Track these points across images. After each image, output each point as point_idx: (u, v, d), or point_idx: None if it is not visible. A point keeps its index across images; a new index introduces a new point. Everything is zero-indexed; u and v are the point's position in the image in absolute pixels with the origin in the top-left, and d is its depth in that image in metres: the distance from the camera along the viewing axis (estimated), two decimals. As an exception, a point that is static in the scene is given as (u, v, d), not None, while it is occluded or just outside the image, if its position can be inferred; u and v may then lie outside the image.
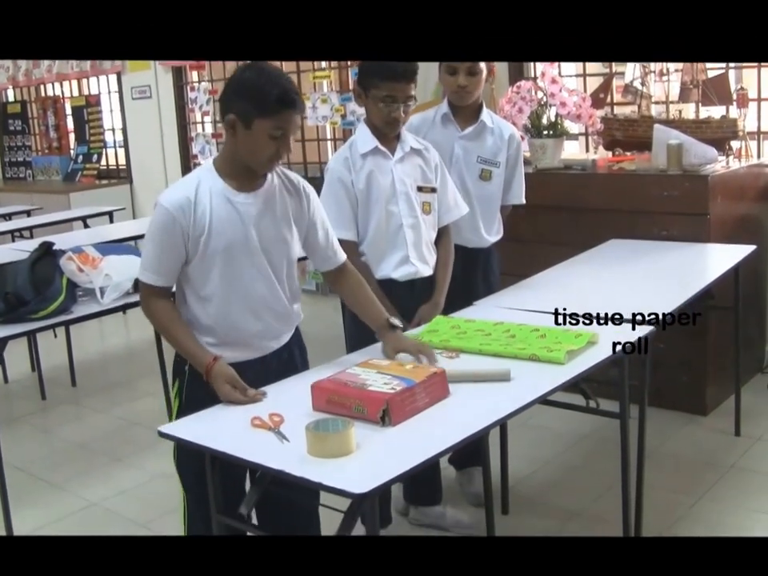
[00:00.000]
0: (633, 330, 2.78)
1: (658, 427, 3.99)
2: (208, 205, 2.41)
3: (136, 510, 3.76)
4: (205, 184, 2.44)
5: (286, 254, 2.56)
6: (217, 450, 2.07)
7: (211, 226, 2.41)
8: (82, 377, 5.67)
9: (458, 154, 3.43)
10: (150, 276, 2.46)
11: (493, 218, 3.53)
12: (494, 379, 2.41)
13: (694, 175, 4.23)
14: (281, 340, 2.62)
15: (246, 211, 2.45)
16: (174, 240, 2.40)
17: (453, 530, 3.39)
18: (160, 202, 2.43)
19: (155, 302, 2.48)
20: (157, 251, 2.44)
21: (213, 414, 2.29)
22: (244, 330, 2.51)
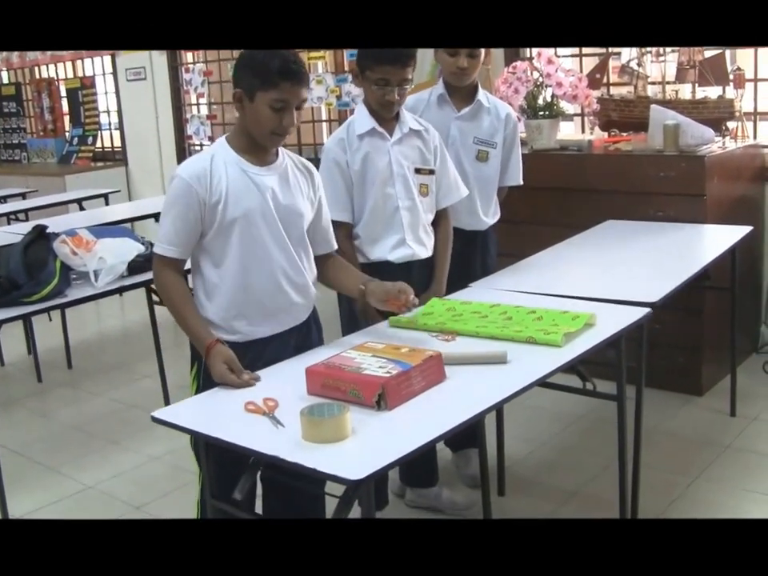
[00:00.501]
0: (629, 311, 2.77)
1: (653, 408, 3.98)
2: (224, 174, 2.44)
3: (132, 492, 3.75)
4: (219, 156, 2.47)
5: (301, 226, 2.59)
6: (209, 436, 2.05)
7: (228, 193, 2.43)
8: (79, 359, 5.67)
9: (454, 135, 3.41)
10: (164, 247, 2.46)
11: (490, 199, 3.51)
12: (491, 362, 2.40)
13: (690, 156, 4.22)
14: (300, 316, 2.63)
15: (262, 182, 2.49)
16: (190, 210, 2.42)
17: (449, 512, 3.39)
18: (177, 173, 2.45)
19: (168, 274, 2.49)
20: (173, 222, 2.45)
21: (207, 398, 2.28)
22: (265, 301, 2.52)
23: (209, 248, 2.50)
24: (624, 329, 2.64)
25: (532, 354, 2.46)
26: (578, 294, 2.97)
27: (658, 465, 3.58)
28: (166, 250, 2.47)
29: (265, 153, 2.53)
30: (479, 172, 3.44)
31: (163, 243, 2.47)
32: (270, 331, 2.56)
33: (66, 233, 3.83)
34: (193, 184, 2.41)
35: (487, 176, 3.47)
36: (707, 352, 4.33)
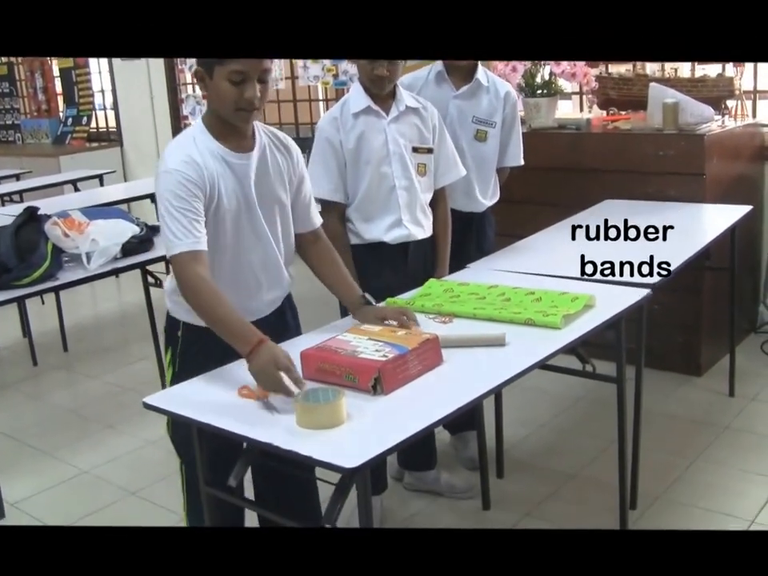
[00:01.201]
0: (629, 292, 2.73)
1: (652, 388, 3.95)
2: (212, 167, 2.31)
3: (127, 477, 3.72)
4: (202, 145, 2.33)
5: (282, 214, 2.50)
6: (202, 422, 2.01)
7: (219, 191, 2.31)
8: (74, 342, 5.63)
9: (452, 113, 3.35)
10: (189, 242, 2.23)
11: (488, 180, 3.46)
12: (489, 344, 2.36)
13: (689, 134, 4.18)
14: (273, 304, 2.57)
15: (244, 173, 2.37)
16: (195, 199, 2.26)
17: (447, 495, 3.37)
18: (167, 168, 2.27)
19: (195, 270, 2.23)
20: (186, 215, 2.24)
21: (199, 382, 2.23)
22: (241, 293, 2.41)
23: None
24: (624, 310, 2.60)
25: (531, 336, 2.42)
26: (576, 275, 2.94)
27: (657, 446, 3.56)
28: (189, 244, 2.23)
29: (241, 136, 2.38)
30: (477, 152, 3.39)
31: (181, 239, 2.23)
32: (250, 317, 2.40)
33: (58, 215, 3.78)
34: (191, 174, 2.25)
35: (485, 156, 3.42)
36: (706, 332, 4.31)
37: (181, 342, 2.48)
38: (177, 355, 2.49)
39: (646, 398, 3.20)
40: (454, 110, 3.35)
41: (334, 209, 2.99)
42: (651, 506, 3.18)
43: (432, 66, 3.40)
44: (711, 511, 3.13)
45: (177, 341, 2.48)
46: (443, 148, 3.10)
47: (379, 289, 2.86)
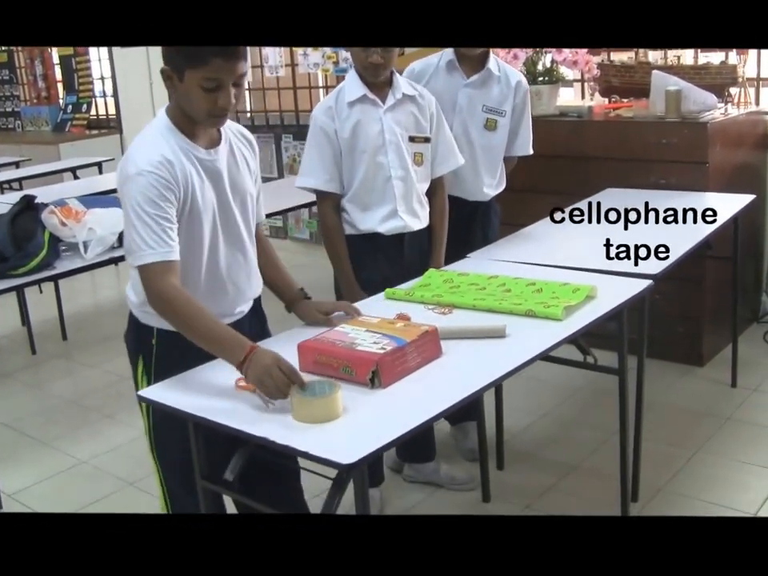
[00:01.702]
0: (631, 283, 2.70)
1: (653, 378, 3.93)
2: (186, 167, 2.17)
3: (125, 467, 3.70)
4: (172, 143, 2.18)
5: (252, 209, 2.41)
6: (197, 416, 1.98)
7: (193, 191, 2.18)
8: (73, 330, 5.61)
9: (462, 102, 3.31)
10: (162, 252, 2.10)
11: (495, 169, 3.43)
12: (489, 336, 2.33)
13: (692, 122, 4.14)
14: (246, 306, 2.45)
15: (216, 169, 2.25)
16: (168, 203, 2.11)
17: (447, 486, 3.34)
18: (139, 170, 2.10)
19: (168, 283, 2.11)
20: (157, 221, 2.10)
21: (195, 375, 2.19)
22: (221, 296, 2.33)
23: None
24: (626, 301, 2.57)
25: (531, 327, 2.39)
26: (578, 265, 2.90)
27: (658, 437, 3.53)
28: (165, 254, 2.11)
29: (209, 132, 2.26)
30: (486, 141, 3.35)
31: (153, 248, 2.10)
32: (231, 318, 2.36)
33: (56, 203, 3.75)
34: (164, 176, 2.11)
35: (495, 145, 3.38)
36: (708, 322, 4.28)
37: (156, 350, 2.32)
38: (152, 365, 2.33)
39: (647, 389, 3.17)
40: (464, 99, 3.31)
41: (328, 199, 2.95)
42: (653, 499, 3.16)
43: (443, 52, 3.35)
44: (713, 504, 3.11)
45: (150, 349, 2.32)
46: (441, 136, 3.06)
47: (374, 280, 2.84)
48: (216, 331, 2.12)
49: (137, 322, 2.35)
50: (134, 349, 2.38)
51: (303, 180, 2.99)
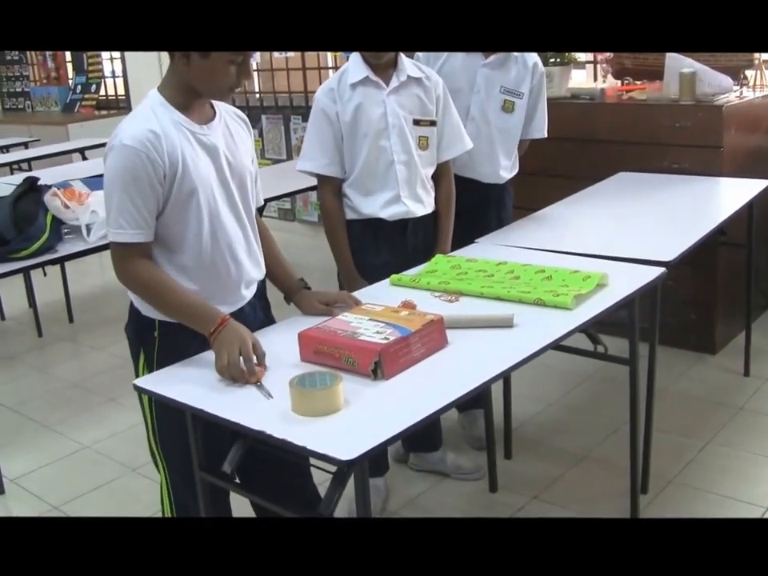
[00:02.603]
0: (643, 270, 2.63)
1: (665, 366, 3.87)
2: (176, 138, 2.12)
3: (127, 453, 3.66)
4: (163, 117, 2.13)
5: (251, 186, 2.36)
6: (193, 407, 1.92)
7: (184, 161, 2.12)
8: (80, 313, 5.58)
9: (479, 83, 3.24)
10: (131, 233, 2.09)
11: (511, 152, 3.38)
12: (497, 325, 2.26)
13: (707, 105, 4.06)
14: (252, 287, 2.39)
15: (213, 144, 2.20)
16: (149, 183, 2.07)
17: (454, 476, 3.29)
18: (122, 142, 2.06)
19: (137, 263, 2.13)
20: (134, 201, 2.07)
21: (193, 364, 2.14)
22: (224, 275, 2.26)
23: (160, 229, 2.16)
24: (637, 290, 2.50)
25: (540, 316, 2.32)
26: (589, 252, 2.83)
27: (669, 427, 3.47)
28: (134, 236, 2.09)
29: (203, 106, 2.22)
30: (503, 123, 3.29)
31: (127, 229, 2.09)
32: (229, 309, 2.28)
33: (59, 185, 3.70)
34: (149, 153, 2.05)
35: (511, 127, 3.32)
36: (721, 309, 4.21)
37: (158, 343, 2.26)
38: (154, 358, 2.27)
39: (658, 377, 3.11)
40: (481, 80, 3.24)
41: (329, 183, 2.88)
42: (663, 491, 3.10)
43: None
44: (725, 497, 3.04)
45: (153, 342, 2.26)
46: (448, 120, 2.98)
47: (376, 266, 2.78)
48: (189, 301, 2.15)
49: (138, 314, 2.30)
50: (135, 341, 2.32)
51: (302, 164, 2.92)
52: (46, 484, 3.50)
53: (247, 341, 2.04)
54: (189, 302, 2.15)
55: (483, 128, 3.20)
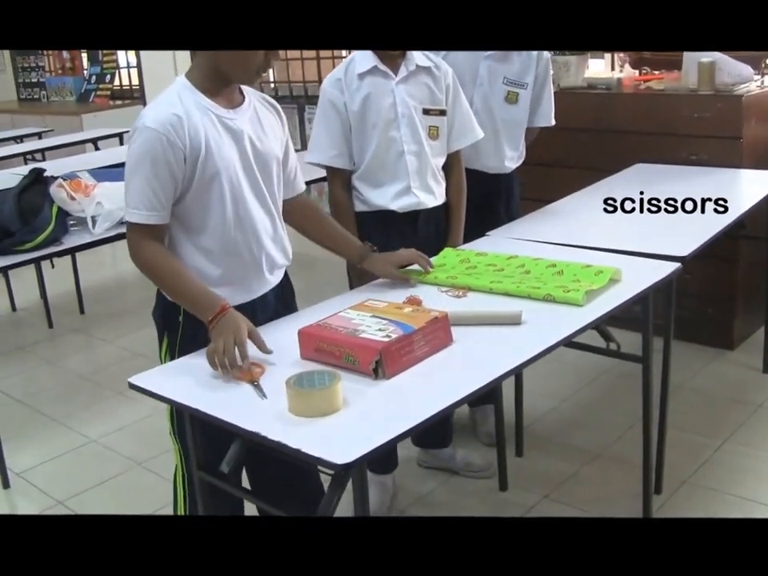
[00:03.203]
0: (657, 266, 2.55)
1: (681, 362, 3.79)
2: (199, 122, 2.11)
3: (134, 447, 3.63)
4: (188, 100, 2.12)
5: (277, 172, 2.33)
6: (187, 406, 1.87)
7: (207, 144, 2.12)
8: (92, 304, 5.56)
9: (482, 75, 3.17)
10: (145, 215, 2.09)
11: (518, 142, 3.30)
12: (504, 322, 2.19)
13: (726, 95, 3.97)
14: (278, 274, 2.38)
15: (238, 128, 2.19)
16: (170, 165, 2.07)
17: (464, 473, 3.23)
18: (144, 124, 2.07)
19: (148, 245, 2.13)
20: (148, 182, 2.07)
21: (190, 362, 2.08)
22: (248, 260, 2.25)
23: (184, 211, 2.17)
24: (651, 286, 2.41)
25: (550, 313, 2.24)
26: (602, 246, 2.75)
27: (685, 425, 3.39)
28: (148, 217, 2.09)
29: (232, 92, 2.21)
30: (507, 114, 3.22)
31: (142, 210, 2.09)
32: (250, 296, 2.28)
33: (65, 176, 3.65)
34: (169, 136, 2.05)
35: (516, 118, 3.25)
36: (740, 304, 4.13)
37: (182, 328, 2.25)
38: (177, 343, 2.26)
39: (675, 372, 3.04)
40: (484, 71, 3.16)
41: (337, 176, 2.82)
42: (677, 491, 3.02)
43: None
44: (742, 498, 2.96)
45: (177, 327, 2.26)
46: (458, 109, 2.90)
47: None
48: (191, 288, 2.14)
49: (164, 299, 2.29)
50: (161, 326, 2.33)
51: (311, 155, 2.87)
52: (52, 478, 3.47)
53: (243, 328, 2.03)
54: (192, 288, 2.14)
55: (487, 120, 3.13)
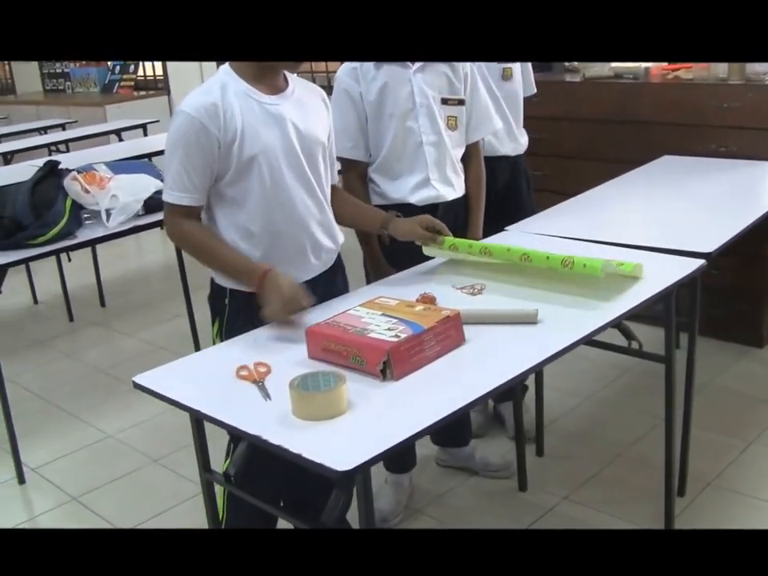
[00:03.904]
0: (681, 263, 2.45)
1: (708, 360, 3.70)
2: (237, 107, 2.15)
3: (150, 443, 3.59)
4: (229, 87, 2.18)
5: (323, 156, 2.34)
6: (189, 407, 1.81)
7: (243, 129, 2.15)
8: (113, 297, 5.54)
9: None
10: (178, 195, 2.17)
11: (521, 117, 3.29)
12: (519, 321, 2.11)
13: (757, 85, 3.88)
14: (328, 261, 2.39)
15: (279, 113, 2.22)
16: (203, 150, 2.13)
17: (482, 473, 3.15)
18: (182, 109, 2.14)
19: (183, 223, 2.21)
20: (184, 165, 2.14)
21: (197, 360, 2.04)
22: (288, 243, 2.26)
23: (224, 193, 2.21)
24: (673, 284, 2.32)
25: (567, 311, 2.16)
26: (624, 242, 2.66)
27: (711, 425, 3.30)
28: (180, 198, 2.17)
29: (274, 79, 2.25)
30: (506, 92, 3.18)
31: (175, 191, 2.17)
32: (306, 275, 2.30)
33: (80, 169, 3.61)
34: (203, 120, 2.11)
35: (515, 93, 3.23)
36: (769, 300, 4.02)
37: (228, 310, 2.30)
38: (224, 326, 2.31)
39: (701, 371, 2.95)
40: None
41: (353, 168, 2.74)
42: (701, 493, 2.93)
43: None
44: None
45: (224, 309, 2.31)
46: (476, 98, 2.82)
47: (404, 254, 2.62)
48: (233, 259, 2.22)
49: (212, 282, 2.36)
50: (213, 310, 2.38)
51: None
52: (67, 474, 3.44)
53: (289, 281, 2.14)
54: (234, 259, 2.22)
55: (492, 101, 3.03)
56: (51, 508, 3.21)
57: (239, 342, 2.12)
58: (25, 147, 6.16)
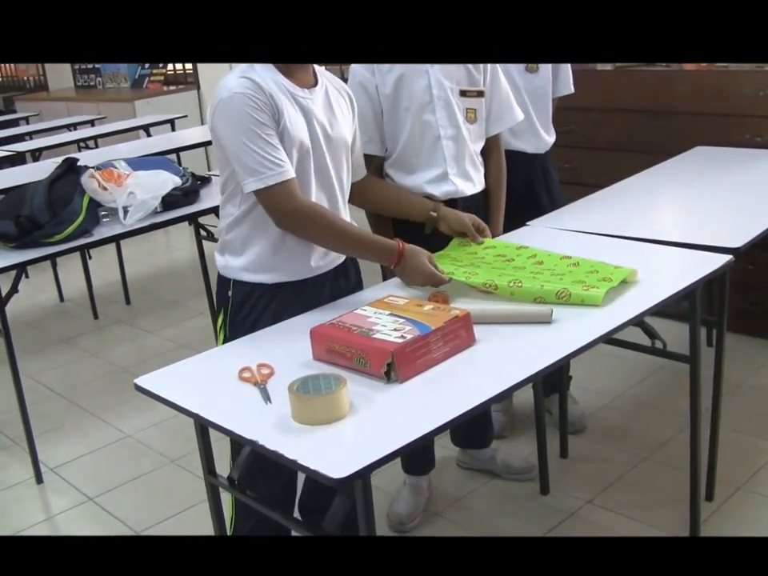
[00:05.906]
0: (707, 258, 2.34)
1: (742, 358, 3.59)
2: (277, 94, 2.09)
3: (169, 443, 3.54)
4: (265, 75, 2.11)
5: (347, 156, 2.29)
6: (188, 410, 1.76)
7: (281, 113, 2.09)
8: (138, 294, 5.52)
9: None
10: (276, 172, 2.04)
11: (547, 114, 3.13)
12: (533, 320, 2.03)
13: (794, 72, 3.74)
14: (338, 259, 2.33)
15: (309, 108, 2.17)
16: (266, 122, 2.05)
17: (504, 476, 3.07)
18: (233, 92, 2.05)
19: (297, 200, 2.09)
20: (260, 143, 2.04)
21: (200, 362, 1.98)
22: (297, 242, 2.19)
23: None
24: (697, 281, 2.22)
25: (583, 310, 2.06)
26: (650, 237, 2.56)
27: (741, 426, 3.18)
28: (281, 173, 2.05)
29: (304, 72, 2.20)
30: (530, 84, 3.04)
31: (270, 169, 2.04)
32: (310, 273, 2.24)
33: (99, 166, 3.57)
34: (255, 94, 2.04)
35: (539, 87, 3.07)
36: (807, 295, 3.88)
37: (232, 301, 2.25)
38: (227, 320, 2.26)
39: (733, 369, 2.85)
40: None
41: (369, 162, 2.65)
42: (730, 498, 2.82)
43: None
44: (801, 507, 2.77)
45: (228, 302, 2.26)
46: (496, 90, 2.72)
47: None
48: (363, 237, 2.21)
49: (218, 274, 2.31)
50: (218, 302, 2.34)
51: None
52: (85, 474, 3.41)
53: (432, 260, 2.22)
54: (368, 234, 2.26)
55: (513, 92, 2.92)
56: (68, 508, 3.18)
57: (243, 343, 2.06)
58: (53, 144, 6.15)
